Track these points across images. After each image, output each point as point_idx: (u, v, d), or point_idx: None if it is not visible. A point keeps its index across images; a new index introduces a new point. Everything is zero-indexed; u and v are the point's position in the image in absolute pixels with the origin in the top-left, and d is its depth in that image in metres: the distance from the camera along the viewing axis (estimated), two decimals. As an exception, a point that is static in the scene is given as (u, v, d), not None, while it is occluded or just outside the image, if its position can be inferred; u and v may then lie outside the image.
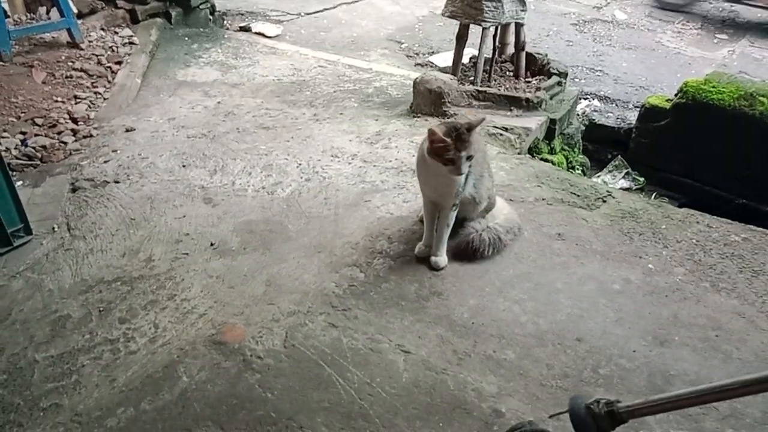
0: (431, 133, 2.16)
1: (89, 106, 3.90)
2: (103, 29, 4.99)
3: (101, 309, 2.27)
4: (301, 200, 2.96)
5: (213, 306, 2.29)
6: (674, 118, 4.25)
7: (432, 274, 2.46)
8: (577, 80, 5.52)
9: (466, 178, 2.38)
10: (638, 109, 4.64)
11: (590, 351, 2.11)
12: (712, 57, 6.12)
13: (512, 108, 3.86)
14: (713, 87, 4.10)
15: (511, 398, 1.93)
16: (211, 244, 2.63)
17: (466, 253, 2.53)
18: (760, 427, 1.85)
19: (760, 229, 2.78)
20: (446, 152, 2.17)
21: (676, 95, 4.28)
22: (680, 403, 1.29)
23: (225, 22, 5.73)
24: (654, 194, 4.23)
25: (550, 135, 3.93)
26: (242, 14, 6.09)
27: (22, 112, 3.70)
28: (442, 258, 2.49)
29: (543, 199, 2.98)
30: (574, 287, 2.41)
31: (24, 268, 2.48)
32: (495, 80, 4.23)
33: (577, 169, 4.21)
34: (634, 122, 4.63)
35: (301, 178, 3.15)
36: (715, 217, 2.88)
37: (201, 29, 5.41)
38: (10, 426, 1.82)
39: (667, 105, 4.31)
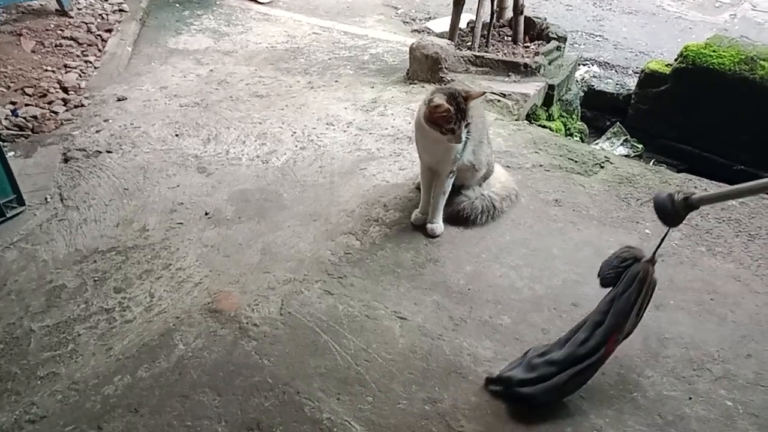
0: (434, 104, 2.11)
1: (80, 75, 3.84)
2: (92, -4, 4.88)
3: (96, 279, 2.26)
4: (296, 169, 2.93)
5: (208, 275, 2.29)
6: (674, 83, 4.20)
7: (428, 241, 2.45)
8: (576, 45, 5.44)
9: (465, 145, 2.35)
10: (638, 75, 4.58)
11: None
12: (714, 21, 6.02)
13: (510, 73, 3.80)
14: (714, 51, 4.04)
15: (506, 362, 1.93)
16: (206, 214, 2.62)
17: (458, 220, 2.52)
18: (752, 387, 1.87)
19: (757, 193, 2.77)
20: (448, 122, 2.13)
21: (676, 60, 4.22)
22: (740, 192, 1.66)
23: (217, -12, 5.60)
24: (652, 161, 4.20)
25: (548, 101, 3.87)
26: (234, -20, 5.95)
27: (11, 82, 3.64)
28: (438, 225, 2.47)
29: (540, 166, 2.96)
30: (571, 253, 2.40)
31: (18, 239, 2.47)
32: (493, 45, 4.15)
33: (576, 136, 4.17)
34: (633, 88, 4.58)
35: (296, 146, 3.12)
36: (713, 181, 2.86)
37: (192, -5, 5.29)
38: (8, 394, 1.83)
39: (667, 70, 4.25)
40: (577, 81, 4.63)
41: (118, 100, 3.56)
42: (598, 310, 1.74)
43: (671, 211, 1.62)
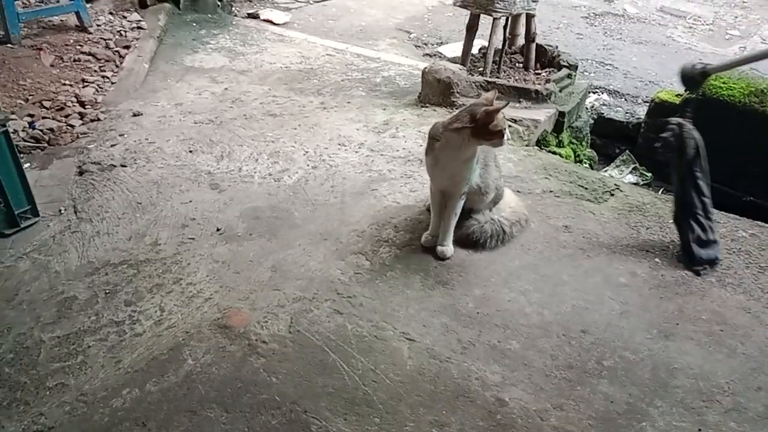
0: (490, 112, 2.19)
1: (97, 90, 3.90)
2: (111, 13, 4.99)
3: (107, 291, 2.28)
4: (308, 188, 2.96)
5: (218, 291, 2.30)
6: (684, 113, 4.21)
7: (438, 264, 2.46)
8: (586, 73, 5.49)
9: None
10: (647, 104, 4.61)
11: (595, 343, 2.11)
12: (724, 53, 6.07)
13: (521, 99, 3.84)
14: (724, 83, 4.06)
15: (514, 388, 1.93)
16: (218, 230, 2.64)
17: (468, 244, 2.54)
18: (762, 421, 1.85)
19: (767, 225, 2.77)
20: (500, 122, 2.22)
21: (685, 90, 4.24)
22: (746, 60, 2.82)
23: (233, 8, 5.72)
24: (662, 189, 4.20)
25: (558, 128, 3.91)
26: (251, 0, 6.07)
27: (30, 95, 3.70)
28: (448, 248, 2.48)
29: (551, 191, 2.97)
30: (580, 279, 2.40)
31: (31, 250, 2.49)
32: (504, 71, 4.21)
33: (585, 162, 4.19)
34: (643, 117, 4.61)
35: (308, 165, 3.15)
36: (722, 212, 2.87)
37: (209, 15, 5.39)
38: (17, 404, 1.83)
39: (677, 100, 4.28)
40: (587, 108, 4.66)
41: (134, 115, 3.61)
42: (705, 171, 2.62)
43: (690, 75, 2.52)
